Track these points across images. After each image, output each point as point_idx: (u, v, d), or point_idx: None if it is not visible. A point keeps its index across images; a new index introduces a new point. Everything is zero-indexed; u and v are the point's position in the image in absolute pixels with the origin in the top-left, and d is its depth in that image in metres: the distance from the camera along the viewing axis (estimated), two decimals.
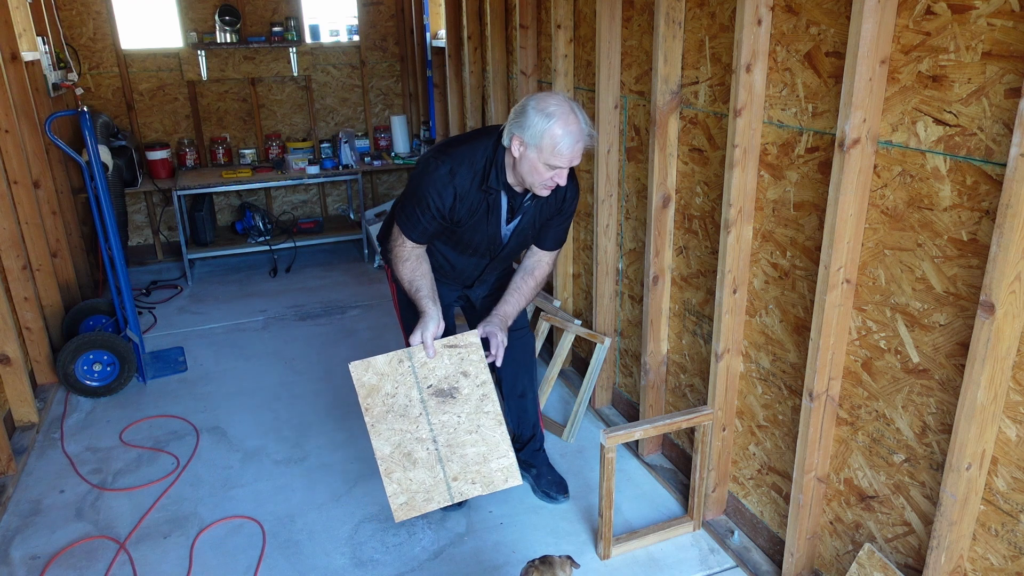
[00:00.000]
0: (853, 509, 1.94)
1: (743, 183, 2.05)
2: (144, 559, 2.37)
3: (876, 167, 1.68)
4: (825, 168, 1.83)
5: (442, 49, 4.61)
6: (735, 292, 2.18)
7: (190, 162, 5.29)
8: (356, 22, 5.56)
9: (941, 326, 1.60)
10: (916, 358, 1.67)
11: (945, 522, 1.57)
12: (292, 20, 5.25)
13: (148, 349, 3.85)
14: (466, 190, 2.07)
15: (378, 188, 5.93)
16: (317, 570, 2.32)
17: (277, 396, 3.40)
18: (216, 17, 5.05)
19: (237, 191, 5.45)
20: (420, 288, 2.14)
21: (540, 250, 2.31)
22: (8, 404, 3.05)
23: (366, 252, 5.32)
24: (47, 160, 3.77)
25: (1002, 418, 1.49)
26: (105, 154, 4.00)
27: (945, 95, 1.50)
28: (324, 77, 5.56)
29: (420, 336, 2.04)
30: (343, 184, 5.79)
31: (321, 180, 5.18)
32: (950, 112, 1.49)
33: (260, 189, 5.53)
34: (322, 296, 4.64)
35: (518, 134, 1.96)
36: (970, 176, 1.48)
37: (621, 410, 3.14)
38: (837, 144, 1.67)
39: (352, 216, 5.70)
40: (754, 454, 2.31)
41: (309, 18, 5.46)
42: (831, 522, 2.03)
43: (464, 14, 4.16)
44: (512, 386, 2.54)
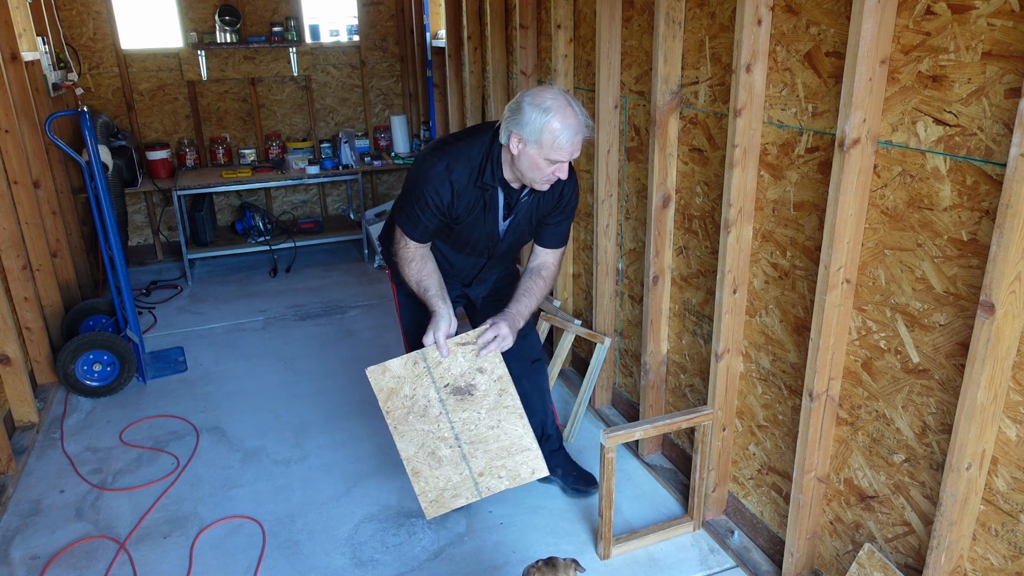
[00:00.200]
0: (853, 509, 1.94)
1: (743, 183, 2.05)
2: (144, 559, 2.37)
3: (876, 167, 1.68)
4: (825, 168, 1.83)
5: (442, 49, 4.61)
6: (735, 292, 2.18)
7: (190, 162, 5.29)
8: (356, 22, 5.56)
9: (941, 326, 1.60)
10: (916, 358, 1.67)
11: (945, 522, 1.57)
12: (292, 20, 5.25)
13: (148, 349, 3.85)
14: (463, 186, 2.06)
15: (378, 188, 5.93)
16: (317, 570, 2.32)
17: (277, 396, 3.40)
18: (216, 17, 5.05)
19: (237, 191, 5.45)
20: (428, 287, 2.13)
21: (543, 249, 2.29)
22: (8, 404, 3.05)
23: (366, 252, 5.32)
24: (47, 160, 3.77)
25: (1002, 418, 1.49)
26: (105, 154, 4.00)
27: (945, 95, 1.50)
28: (324, 77, 5.56)
29: (432, 336, 2.03)
30: (343, 184, 5.79)
31: (321, 180, 5.18)
32: (950, 112, 1.49)
33: (260, 189, 5.53)
34: (322, 296, 4.64)
35: (516, 131, 1.95)
36: (970, 176, 1.48)
37: (621, 410, 3.14)
38: (837, 144, 1.67)
39: (352, 216, 5.70)
40: (754, 454, 2.31)
41: (309, 18, 5.46)
42: (831, 522, 2.03)
43: (464, 14, 4.16)
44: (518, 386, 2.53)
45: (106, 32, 4.94)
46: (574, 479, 2.60)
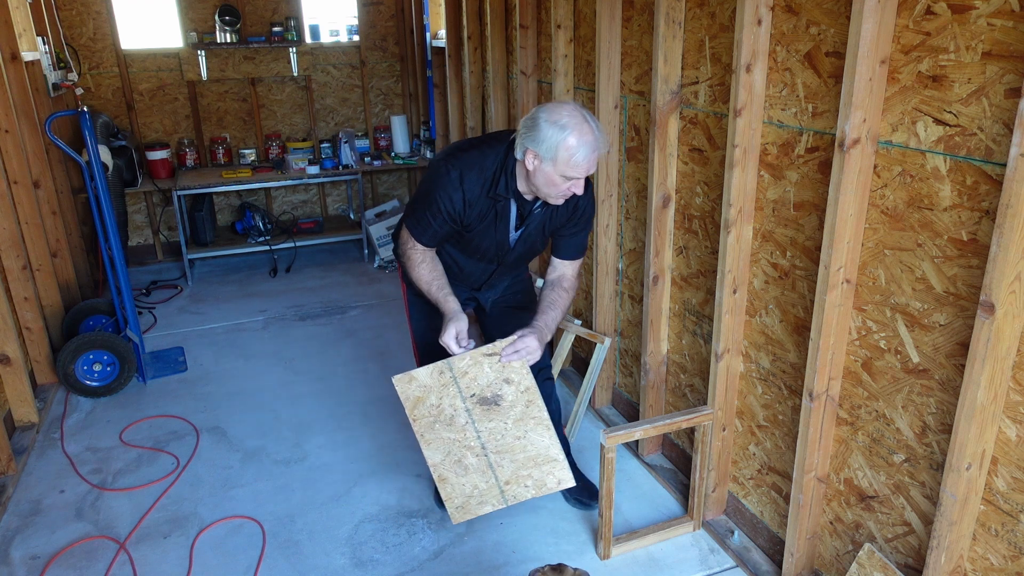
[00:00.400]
0: (853, 509, 1.94)
1: (743, 183, 2.05)
2: (144, 559, 2.37)
3: (876, 167, 1.68)
4: (825, 168, 1.83)
5: (442, 49, 4.61)
6: (735, 292, 2.18)
7: (190, 162, 5.29)
8: (356, 22, 5.56)
9: (941, 326, 1.60)
10: (916, 358, 1.67)
11: (945, 522, 1.57)
12: (292, 20, 5.25)
13: (148, 349, 3.85)
14: (475, 196, 2.05)
15: (378, 188, 5.93)
16: (317, 570, 2.32)
17: (277, 396, 3.40)
18: (216, 17, 5.05)
19: (237, 191, 5.45)
20: (441, 287, 2.14)
21: (560, 261, 2.26)
22: (8, 404, 3.05)
23: (366, 252, 5.32)
24: (47, 160, 3.77)
25: (1002, 418, 1.49)
26: (105, 154, 4.00)
27: (945, 95, 1.50)
28: (324, 77, 5.56)
29: (450, 335, 2.02)
30: (343, 184, 5.79)
31: (321, 180, 5.18)
32: (950, 112, 1.49)
33: (260, 189, 5.52)
34: (322, 296, 4.64)
35: (532, 148, 1.92)
36: (970, 176, 1.48)
37: (621, 410, 3.14)
38: (837, 144, 1.67)
39: (352, 216, 5.70)
40: (754, 454, 2.31)
41: (309, 18, 5.46)
42: (831, 522, 2.03)
43: (464, 14, 4.16)
44: None
45: (106, 32, 4.94)
46: (578, 490, 2.59)
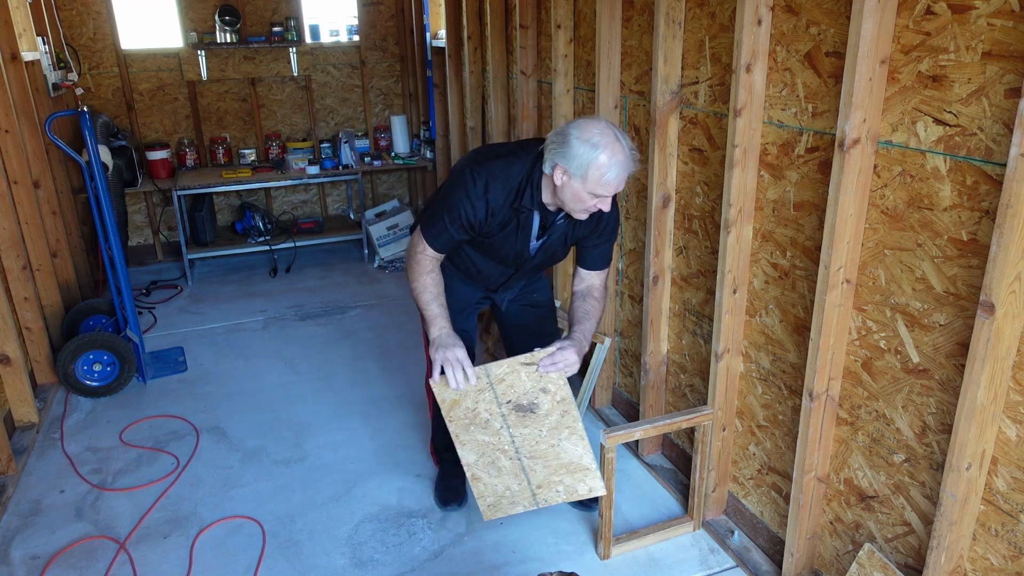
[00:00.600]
0: (853, 509, 1.94)
1: (743, 183, 2.05)
2: (144, 559, 2.37)
3: (876, 167, 1.69)
4: (825, 168, 1.83)
5: (442, 49, 4.61)
6: (735, 292, 2.18)
7: (190, 162, 5.29)
8: (356, 22, 5.56)
9: (941, 326, 1.60)
10: (916, 358, 1.67)
11: (945, 522, 1.57)
12: (292, 20, 5.25)
13: (148, 349, 3.85)
14: (499, 205, 2.02)
15: (378, 188, 5.93)
16: (317, 570, 2.32)
17: (277, 396, 3.40)
18: (216, 17, 5.05)
19: (237, 191, 5.45)
20: (441, 303, 2.10)
21: (588, 272, 2.24)
22: (8, 404, 3.05)
23: (366, 252, 5.32)
24: (47, 160, 3.77)
25: (1002, 418, 1.49)
26: (105, 154, 4.00)
27: (945, 95, 1.50)
28: (324, 77, 5.56)
29: (456, 362, 2.00)
30: (343, 184, 5.79)
31: (321, 180, 5.18)
32: (950, 112, 1.49)
33: (260, 189, 5.52)
34: (322, 296, 4.64)
35: (561, 164, 1.90)
36: (970, 176, 1.48)
37: (621, 410, 3.14)
38: (837, 144, 1.67)
39: (352, 216, 5.70)
40: (754, 454, 2.31)
41: (309, 18, 5.46)
42: (831, 522, 2.03)
43: (464, 14, 4.16)
44: None
45: (106, 32, 4.94)
46: None
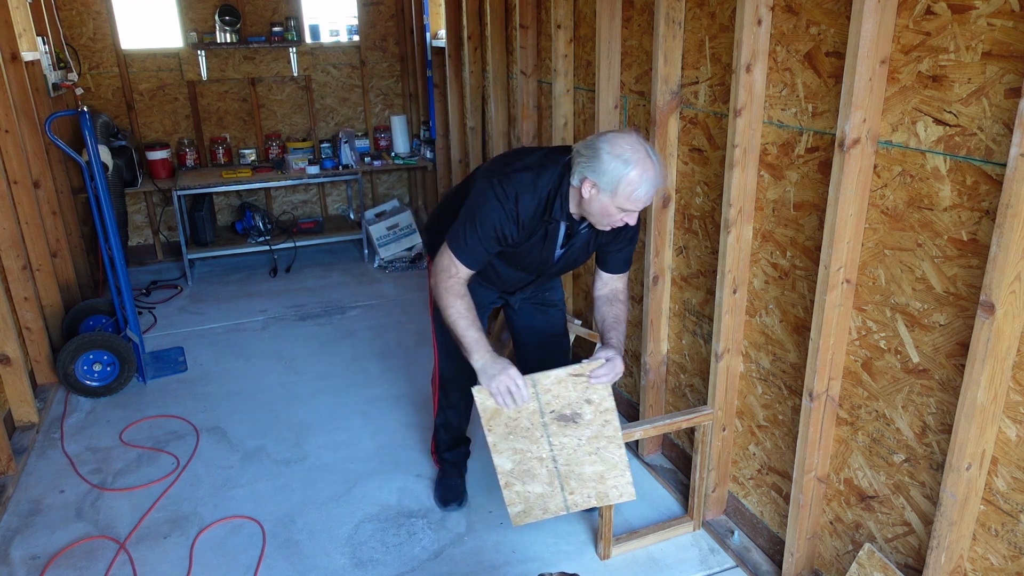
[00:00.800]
0: (853, 509, 1.94)
1: (743, 183, 2.05)
2: (144, 559, 2.37)
3: (876, 167, 1.68)
4: (825, 168, 1.83)
5: (442, 49, 4.61)
6: (735, 292, 2.18)
7: (190, 162, 5.29)
8: (356, 22, 5.56)
9: (941, 326, 1.60)
10: (916, 358, 1.67)
11: (945, 522, 1.57)
12: (292, 20, 5.25)
13: (148, 349, 3.85)
14: (528, 218, 2.00)
15: (378, 188, 5.93)
16: (317, 570, 2.32)
17: (277, 396, 3.40)
18: (216, 17, 5.05)
19: (237, 191, 5.45)
20: (478, 327, 2.04)
21: (610, 275, 2.24)
22: (8, 404, 3.05)
23: (366, 252, 5.32)
24: (47, 160, 3.77)
25: (1002, 418, 1.49)
26: (105, 154, 4.00)
27: (945, 95, 1.50)
28: (324, 77, 5.56)
29: (514, 384, 1.96)
30: (343, 184, 5.79)
31: (321, 180, 5.18)
32: (950, 112, 1.49)
33: (260, 189, 5.52)
34: (322, 296, 4.64)
35: (591, 177, 1.89)
36: (970, 176, 1.48)
37: (621, 410, 3.14)
38: (837, 144, 1.67)
39: (352, 216, 5.70)
40: (754, 454, 2.31)
41: (309, 18, 5.45)
42: (831, 522, 2.03)
43: (464, 14, 4.16)
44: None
45: (106, 32, 4.94)
46: None
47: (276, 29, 5.21)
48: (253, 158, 5.40)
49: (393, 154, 5.57)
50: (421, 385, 3.45)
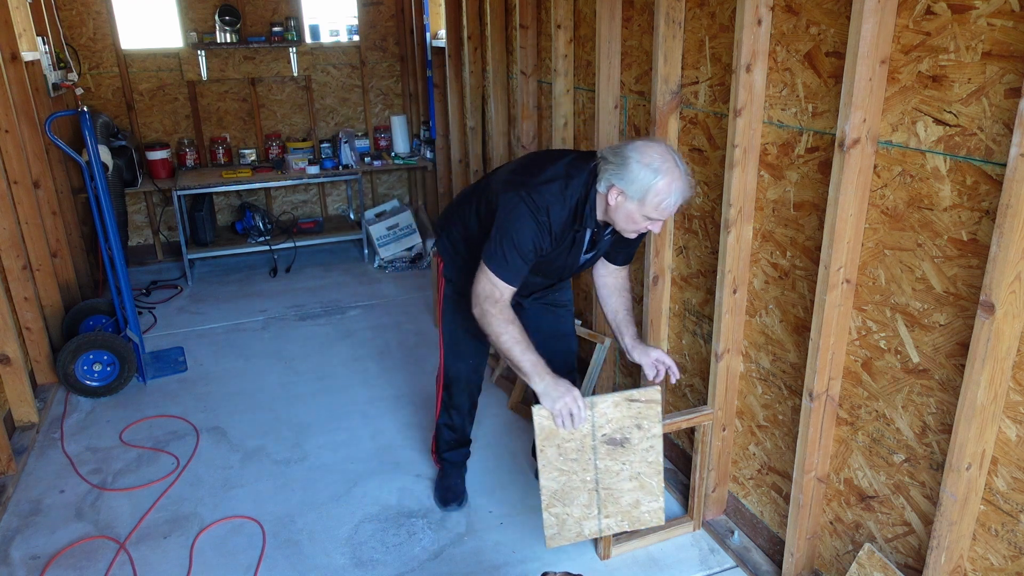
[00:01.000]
0: (853, 509, 1.94)
1: (743, 183, 2.05)
2: (144, 559, 2.37)
3: (876, 167, 1.68)
4: (825, 168, 1.83)
5: (442, 49, 4.61)
6: (735, 292, 2.18)
7: (190, 162, 5.29)
8: (356, 22, 5.56)
9: (941, 326, 1.60)
10: (916, 358, 1.67)
11: (945, 522, 1.57)
12: (292, 20, 5.25)
13: (148, 349, 3.85)
14: (560, 229, 2.01)
15: (378, 188, 5.93)
16: (317, 570, 2.32)
17: (277, 396, 3.40)
18: (216, 17, 5.05)
19: (237, 191, 5.45)
20: (535, 350, 2.02)
21: (616, 267, 2.29)
22: (8, 404, 3.05)
23: (366, 252, 5.32)
24: (47, 160, 3.77)
25: (1002, 418, 1.49)
26: (105, 154, 4.00)
27: (945, 95, 1.50)
28: (324, 77, 5.56)
29: (576, 406, 1.98)
30: (343, 184, 5.79)
31: (321, 180, 5.18)
32: (950, 112, 1.49)
33: (260, 189, 5.52)
34: (322, 296, 4.64)
35: (619, 185, 1.89)
36: (970, 176, 1.48)
37: None
38: (837, 144, 1.67)
39: (352, 216, 5.70)
40: (754, 454, 2.31)
41: (309, 18, 5.46)
42: (831, 522, 2.03)
43: (464, 14, 4.16)
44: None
45: (106, 32, 4.94)
46: None
47: (276, 29, 5.21)
48: (253, 158, 5.40)
49: (393, 154, 5.57)
50: (421, 385, 3.45)
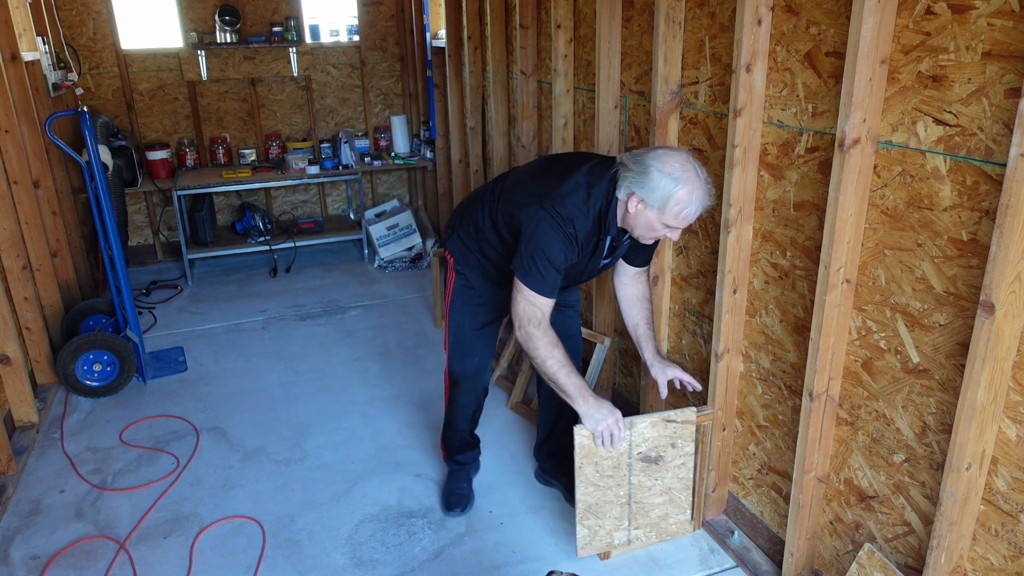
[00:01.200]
0: (853, 509, 1.94)
1: (743, 183, 2.05)
2: (144, 559, 2.37)
3: (876, 167, 1.69)
4: (825, 168, 1.83)
5: (442, 49, 4.61)
6: (735, 292, 2.18)
7: (190, 162, 5.29)
8: (356, 22, 5.56)
9: (941, 326, 1.60)
10: (916, 358, 1.67)
11: (945, 522, 1.57)
12: (292, 20, 5.25)
13: (148, 349, 3.85)
14: (584, 237, 2.03)
15: (378, 188, 5.93)
16: (317, 570, 2.32)
17: (277, 396, 3.40)
18: (216, 17, 5.05)
19: (237, 191, 5.45)
20: (579, 373, 2.05)
21: (636, 269, 2.30)
22: (8, 404, 3.05)
23: (366, 252, 5.32)
24: (47, 160, 3.77)
25: (1002, 418, 1.49)
26: (105, 154, 4.00)
27: (945, 95, 1.50)
28: (324, 77, 5.56)
29: (617, 428, 2.05)
30: (343, 184, 5.79)
31: (321, 180, 5.18)
32: (950, 112, 1.49)
33: (260, 189, 5.52)
34: (322, 296, 4.64)
35: (639, 193, 1.90)
36: (970, 176, 1.48)
37: (621, 410, 3.13)
38: (837, 144, 1.67)
39: (352, 216, 5.70)
40: (754, 454, 2.31)
41: (309, 18, 5.45)
42: (831, 522, 2.03)
43: (464, 14, 4.16)
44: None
45: (106, 32, 4.94)
46: None
47: (276, 29, 5.21)
48: (253, 158, 5.40)
49: (393, 154, 5.57)
50: (421, 385, 3.45)
